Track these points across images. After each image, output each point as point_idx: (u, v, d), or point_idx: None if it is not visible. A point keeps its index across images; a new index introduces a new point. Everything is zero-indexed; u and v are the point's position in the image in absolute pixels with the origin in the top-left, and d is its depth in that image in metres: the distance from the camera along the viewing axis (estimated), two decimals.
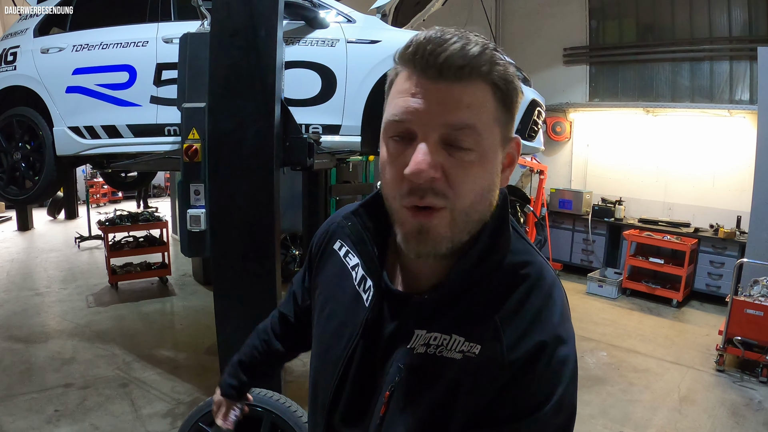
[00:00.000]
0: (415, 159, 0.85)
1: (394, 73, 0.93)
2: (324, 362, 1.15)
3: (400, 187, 0.89)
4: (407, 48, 0.89)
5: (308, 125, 3.95)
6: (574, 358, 0.93)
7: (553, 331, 0.90)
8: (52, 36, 4.68)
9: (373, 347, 1.05)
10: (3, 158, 4.79)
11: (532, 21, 9.68)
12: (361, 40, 4.03)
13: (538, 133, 4.48)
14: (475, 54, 0.85)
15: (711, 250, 7.66)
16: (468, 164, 0.87)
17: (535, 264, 0.98)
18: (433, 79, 0.85)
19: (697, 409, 4.76)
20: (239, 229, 3.26)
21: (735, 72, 7.78)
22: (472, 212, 0.91)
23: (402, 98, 0.88)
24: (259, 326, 1.67)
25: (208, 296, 7.25)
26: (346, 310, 1.12)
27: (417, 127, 0.87)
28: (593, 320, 7.02)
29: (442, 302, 0.96)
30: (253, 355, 1.62)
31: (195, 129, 3.23)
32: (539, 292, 0.94)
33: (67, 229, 12.58)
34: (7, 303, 7.17)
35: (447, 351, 0.93)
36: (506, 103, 0.90)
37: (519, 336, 0.89)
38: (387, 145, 0.92)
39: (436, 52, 0.84)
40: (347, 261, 1.17)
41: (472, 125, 0.86)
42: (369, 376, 1.04)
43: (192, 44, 3.43)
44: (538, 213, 8.40)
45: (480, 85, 0.86)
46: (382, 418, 0.99)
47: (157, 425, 4.29)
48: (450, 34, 0.87)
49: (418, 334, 0.96)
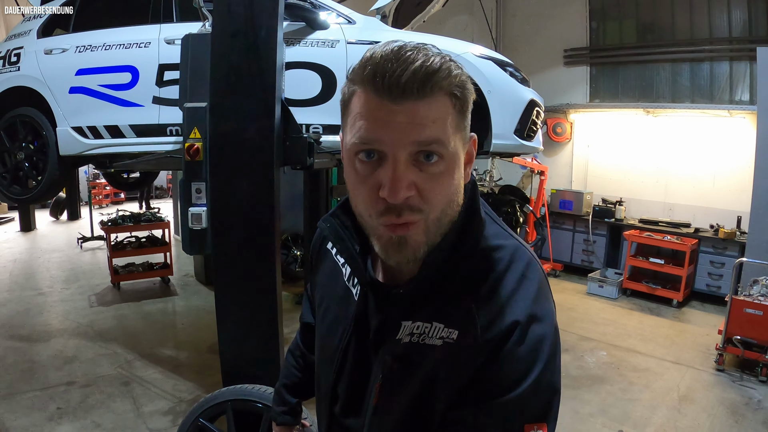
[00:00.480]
0: (391, 181, 0.87)
1: (349, 93, 0.93)
2: (323, 356, 1.21)
3: (376, 206, 0.91)
4: (364, 68, 0.88)
5: (308, 125, 3.99)
6: (553, 336, 0.94)
7: (527, 311, 0.92)
8: (56, 37, 4.71)
9: (365, 339, 1.08)
10: (6, 158, 4.82)
11: (532, 22, 9.71)
12: (361, 41, 4.06)
13: (537, 133, 4.50)
14: (435, 69, 0.86)
15: (711, 250, 7.67)
16: (437, 176, 0.90)
17: (509, 247, 1.01)
18: (397, 99, 0.86)
19: (697, 408, 4.78)
20: (240, 227, 3.28)
21: (735, 72, 7.80)
22: (443, 216, 0.94)
23: (366, 121, 0.88)
24: (290, 346, 1.69)
25: (209, 296, 7.28)
26: (339, 306, 1.17)
27: (386, 148, 0.88)
28: (593, 320, 7.04)
29: (420, 293, 0.99)
30: (294, 375, 1.63)
31: (196, 128, 3.26)
32: (513, 273, 0.96)
33: (70, 229, 12.64)
34: (10, 302, 7.22)
35: (429, 338, 0.96)
36: (464, 109, 0.93)
37: (493, 317, 0.91)
38: (353, 164, 0.93)
39: (396, 73, 0.84)
40: (338, 259, 1.22)
41: (439, 138, 0.88)
42: (364, 367, 1.08)
43: (193, 45, 3.45)
44: (538, 213, 8.42)
45: (441, 98, 0.88)
46: (375, 407, 1.03)
47: (159, 423, 4.32)
48: (407, 49, 0.87)
49: (404, 325, 0.99)
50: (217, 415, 3.10)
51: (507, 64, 4.29)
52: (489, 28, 9.67)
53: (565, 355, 5.79)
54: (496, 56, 4.33)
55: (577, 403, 4.75)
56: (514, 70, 4.29)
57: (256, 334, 3.34)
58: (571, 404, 4.71)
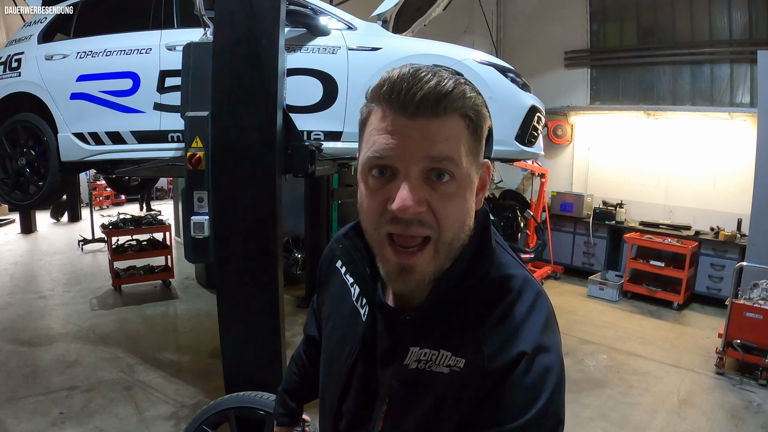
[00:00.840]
0: (401, 195, 0.89)
1: (367, 111, 0.96)
2: (329, 373, 1.22)
3: (383, 216, 0.92)
4: (381, 87, 0.91)
5: (310, 132, 4.00)
6: (559, 367, 0.95)
7: (534, 342, 0.92)
8: (57, 43, 4.72)
9: (372, 360, 1.09)
10: (8, 164, 4.83)
11: (533, 25, 9.71)
12: (362, 48, 4.07)
13: (538, 138, 4.52)
14: (449, 90, 0.88)
15: (712, 253, 7.68)
16: (449, 195, 0.91)
17: (518, 277, 1.01)
18: (411, 117, 0.89)
19: (696, 411, 4.78)
20: (242, 236, 3.29)
21: (735, 75, 7.81)
22: (455, 241, 0.95)
23: (382, 136, 0.91)
24: (294, 354, 1.73)
25: (211, 299, 7.30)
26: (346, 325, 1.18)
27: (399, 163, 0.90)
28: (594, 323, 7.04)
29: (427, 320, 1.00)
30: (295, 381, 1.69)
31: (198, 137, 3.27)
32: (521, 304, 0.97)
33: (71, 232, 12.65)
34: (12, 306, 7.22)
35: (436, 366, 0.97)
36: (477, 132, 0.94)
37: (500, 347, 0.92)
38: (366, 180, 0.95)
39: (412, 91, 0.87)
40: (347, 278, 1.22)
41: (451, 157, 0.89)
42: (369, 387, 1.09)
43: (195, 53, 3.47)
44: (539, 218, 8.43)
45: (455, 118, 0.90)
46: (381, 431, 1.04)
47: (161, 428, 4.32)
48: (423, 71, 0.90)
49: (412, 351, 1.00)
50: (220, 423, 3.12)
51: (508, 70, 4.31)
52: (489, 31, 9.68)
53: (566, 358, 5.69)
54: (497, 62, 4.34)
55: (577, 407, 4.76)
56: (515, 76, 4.31)
57: (258, 341, 3.36)
58: (571, 408, 4.72)
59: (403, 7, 4.66)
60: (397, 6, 4.46)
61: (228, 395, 3.17)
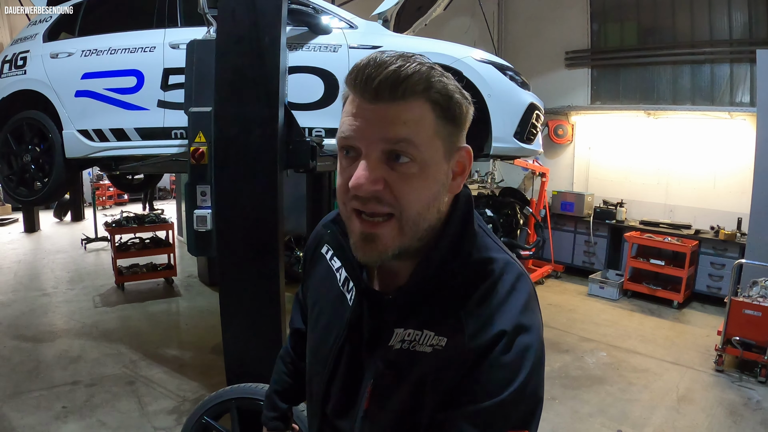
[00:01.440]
0: (357, 173, 0.94)
1: (345, 96, 1.01)
2: (316, 358, 1.24)
3: (348, 193, 0.97)
4: (351, 73, 0.96)
5: (311, 128, 4.05)
6: (538, 347, 0.97)
7: (514, 321, 0.95)
8: (62, 41, 4.77)
9: (358, 344, 1.12)
10: (13, 160, 4.88)
11: (533, 25, 9.75)
12: (363, 46, 4.12)
13: (537, 136, 4.55)
14: (408, 74, 0.92)
15: (712, 251, 7.70)
16: (409, 176, 0.95)
17: (500, 260, 1.04)
18: (371, 100, 0.93)
19: (696, 408, 4.81)
20: (244, 229, 3.33)
21: (735, 75, 7.84)
22: (420, 221, 0.98)
23: (347, 118, 0.97)
24: (281, 352, 1.71)
25: (213, 297, 7.34)
26: (332, 310, 1.21)
27: (360, 144, 0.95)
28: (594, 321, 7.07)
29: (409, 301, 1.03)
30: (285, 381, 1.65)
31: (201, 132, 3.31)
32: (502, 285, 1.00)
33: (74, 230, 12.70)
34: (15, 303, 7.27)
35: (419, 346, 1.00)
36: (448, 117, 0.97)
37: (480, 326, 0.95)
38: (340, 159, 1.01)
39: (372, 76, 0.92)
40: (332, 264, 1.26)
41: (409, 139, 0.93)
42: (356, 370, 1.12)
43: (198, 51, 3.51)
44: (538, 215, 8.46)
45: (417, 102, 0.93)
46: (366, 411, 1.07)
47: (163, 421, 4.37)
48: (388, 56, 0.94)
49: (396, 332, 1.04)
50: (222, 413, 3.15)
51: (507, 68, 4.34)
52: (490, 31, 9.72)
53: (565, 355, 5.84)
54: (496, 60, 4.38)
55: (576, 403, 4.79)
56: (514, 74, 4.34)
57: (260, 333, 3.39)
58: (570, 404, 4.76)
59: (404, 7, 4.70)
60: (397, 5, 4.50)
61: (229, 386, 3.21)
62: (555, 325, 6.79)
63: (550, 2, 9.47)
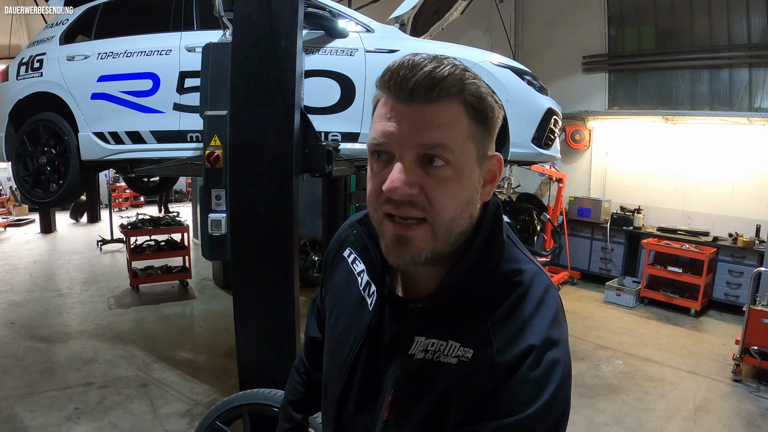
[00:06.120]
0: (391, 177, 0.92)
1: (376, 99, 0.99)
2: (333, 363, 1.21)
3: (380, 197, 0.95)
4: (384, 75, 0.95)
5: (327, 133, 4.03)
6: (566, 362, 0.95)
7: (543, 335, 0.93)
8: (78, 44, 4.79)
9: (377, 350, 1.10)
10: (29, 162, 4.90)
11: (550, 29, 9.68)
12: (380, 50, 4.10)
13: (555, 141, 4.51)
14: (443, 76, 0.90)
15: (730, 259, 7.59)
16: (444, 180, 0.93)
17: (528, 272, 1.02)
18: (405, 103, 0.92)
19: (712, 419, 4.73)
20: (259, 234, 3.31)
21: (754, 79, 7.72)
22: (453, 226, 0.96)
23: (380, 122, 0.95)
24: (295, 362, 1.67)
25: (227, 300, 7.35)
26: (352, 314, 1.18)
27: (394, 148, 0.93)
28: (610, 329, 6.99)
29: (437, 310, 1.00)
30: (299, 391, 1.61)
31: (217, 136, 3.30)
32: (531, 298, 0.98)
33: (90, 232, 12.81)
34: (30, 303, 7.33)
35: (444, 356, 0.98)
36: (480, 120, 0.95)
37: (509, 340, 0.93)
38: (371, 164, 0.99)
39: (407, 78, 0.90)
40: (354, 267, 1.23)
41: (444, 143, 0.91)
42: (374, 376, 1.10)
43: (214, 54, 3.50)
44: (555, 221, 8.39)
45: (451, 105, 0.92)
46: (386, 421, 1.05)
47: (175, 425, 4.37)
48: (421, 58, 0.92)
49: (417, 341, 1.01)
50: (234, 419, 3.14)
51: (525, 73, 4.30)
52: (507, 36, 9.66)
53: (582, 363, 5.77)
54: (514, 65, 4.35)
55: (592, 412, 4.73)
56: (532, 79, 4.31)
57: (273, 338, 3.37)
58: (586, 413, 4.70)
59: (421, 11, 4.68)
60: (414, 9, 4.47)
61: (242, 392, 3.20)
62: (571, 332, 6.55)
63: (567, 6, 9.40)
